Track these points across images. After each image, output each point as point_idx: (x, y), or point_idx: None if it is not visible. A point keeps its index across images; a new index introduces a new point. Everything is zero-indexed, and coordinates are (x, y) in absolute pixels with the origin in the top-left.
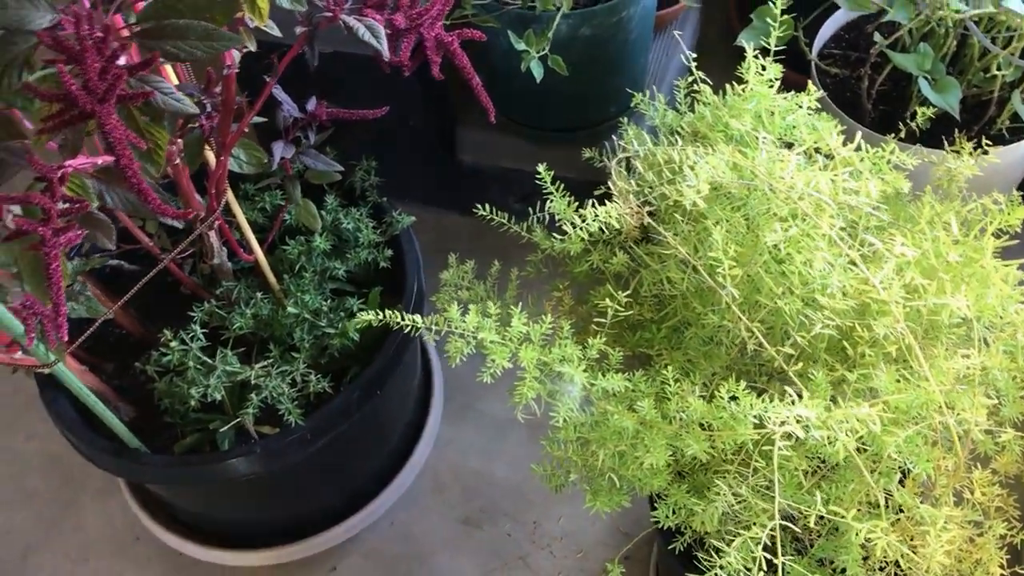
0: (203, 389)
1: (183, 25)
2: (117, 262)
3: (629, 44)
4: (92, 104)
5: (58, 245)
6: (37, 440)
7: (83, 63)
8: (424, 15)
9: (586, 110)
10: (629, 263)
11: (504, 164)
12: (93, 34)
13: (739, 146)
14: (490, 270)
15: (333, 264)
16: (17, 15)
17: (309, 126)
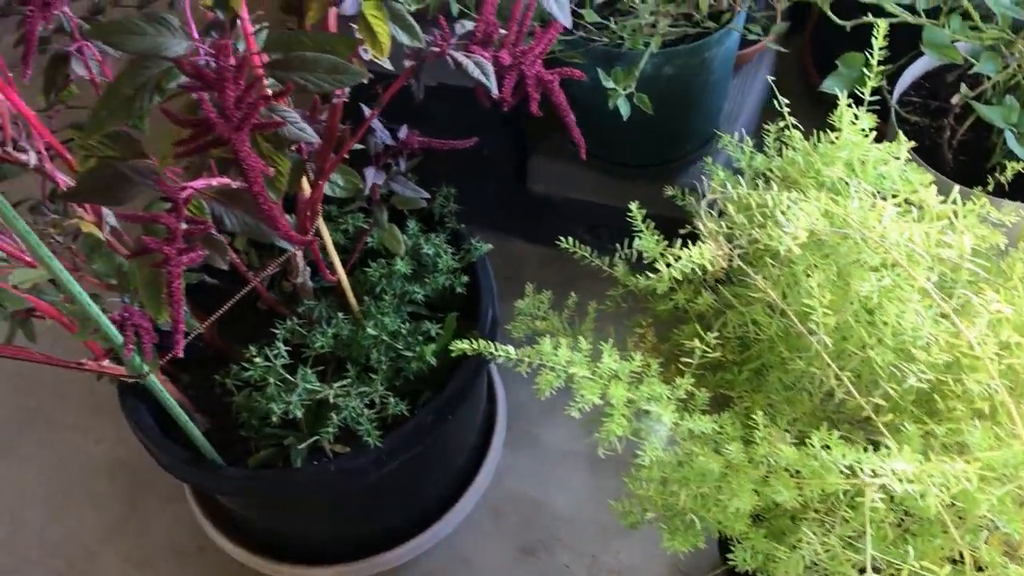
0: (285, 406)
1: (311, 58)
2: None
3: (710, 84)
4: (229, 131)
5: (181, 264)
6: (106, 444)
7: (222, 91)
8: (528, 53)
9: (662, 147)
10: (714, 303)
11: (574, 195)
12: (230, 64)
13: (831, 193)
14: (566, 301)
15: (412, 288)
16: (155, 42)
17: (400, 153)
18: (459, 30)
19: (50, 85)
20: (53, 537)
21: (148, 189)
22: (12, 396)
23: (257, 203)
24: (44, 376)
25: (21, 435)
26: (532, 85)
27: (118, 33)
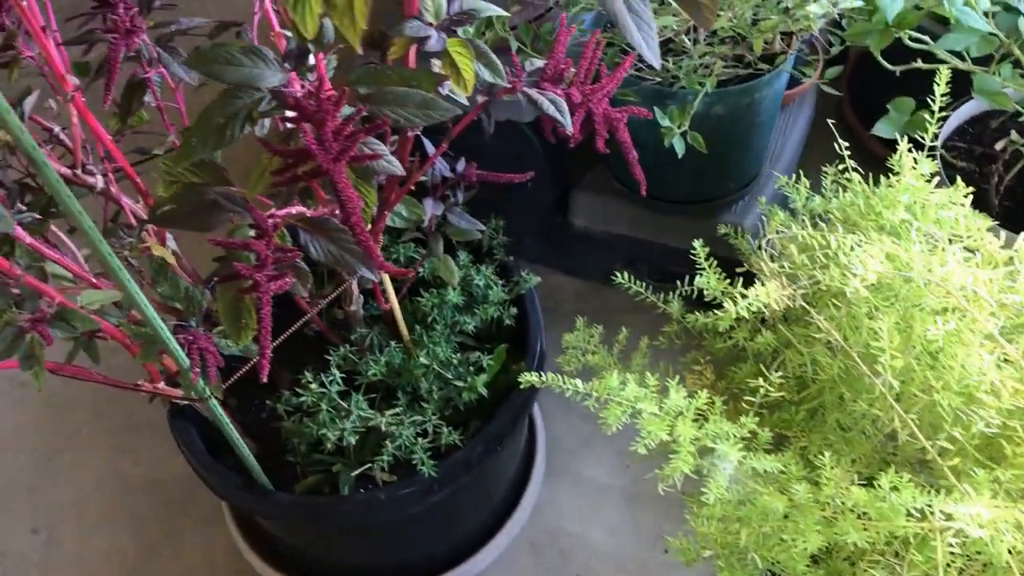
0: (338, 433)
1: (403, 93)
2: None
3: (757, 124)
4: (328, 163)
5: (270, 291)
6: (144, 465)
7: (321, 124)
8: (596, 92)
9: (705, 184)
10: (772, 342)
11: (615, 229)
12: (330, 96)
13: (891, 237)
14: (617, 336)
15: (463, 319)
16: (251, 73)
17: (457, 185)
18: (528, 67)
19: (125, 111)
20: (89, 557)
21: (237, 216)
22: (52, 415)
23: (355, 233)
24: (84, 395)
25: (60, 454)
26: (600, 123)
27: (217, 63)
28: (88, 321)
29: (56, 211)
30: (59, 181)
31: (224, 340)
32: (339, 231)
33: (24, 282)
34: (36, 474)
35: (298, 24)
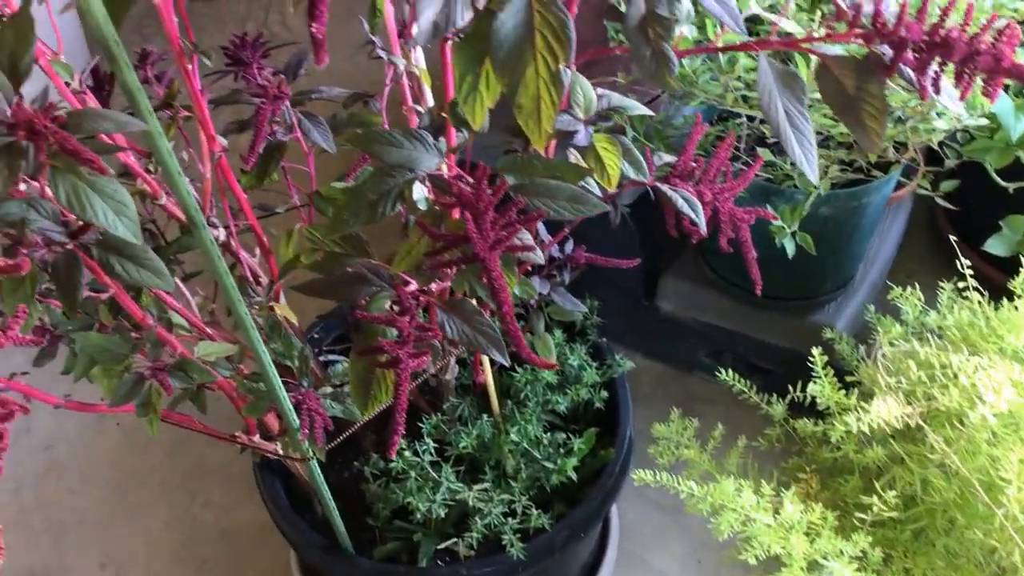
0: (428, 504)
1: (555, 186)
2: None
3: (860, 227)
4: (485, 250)
5: (410, 368)
6: (213, 510)
7: (481, 212)
8: (725, 191)
9: (800, 283)
10: (882, 457)
11: (703, 318)
12: (483, 184)
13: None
14: (712, 432)
15: (556, 398)
16: (409, 155)
17: (564, 266)
18: (657, 161)
19: (263, 171)
20: None
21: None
22: (128, 452)
23: (505, 322)
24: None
25: (133, 493)
26: (726, 222)
27: (378, 143)
28: (204, 372)
29: (174, 260)
30: (213, 243)
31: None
32: (475, 313)
33: (155, 332)
34: (109, 509)
35: (467, 115)
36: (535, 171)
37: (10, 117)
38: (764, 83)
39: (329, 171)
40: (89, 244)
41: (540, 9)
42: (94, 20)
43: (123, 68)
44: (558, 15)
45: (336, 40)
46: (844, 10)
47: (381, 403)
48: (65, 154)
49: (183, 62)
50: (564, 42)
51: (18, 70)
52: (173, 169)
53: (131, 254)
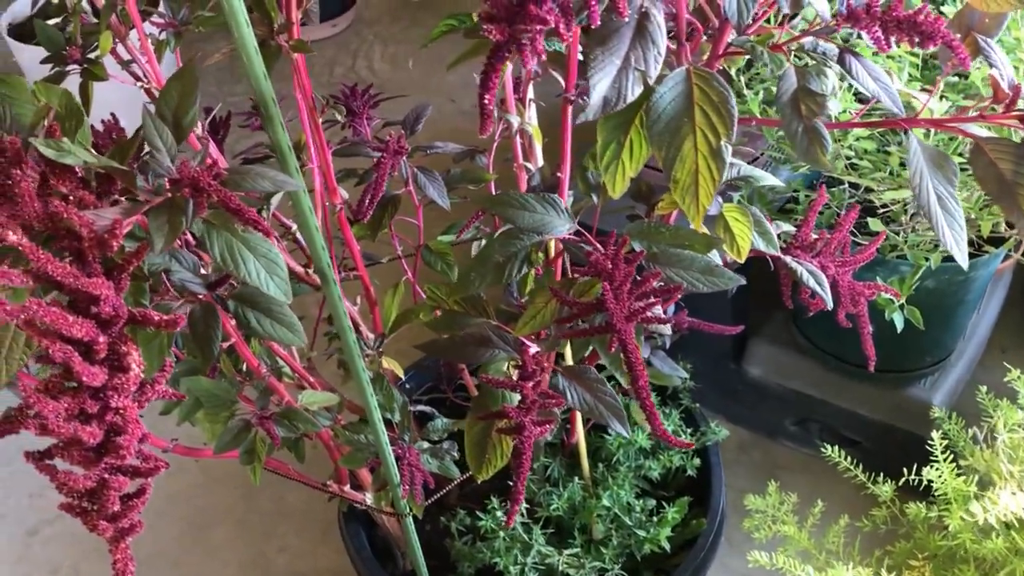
0: (519, 568)
1: (688, 257)
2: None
3: (965, 301)
4: (621, 322)
5: (534, 435)
6: (289, 554)
7: (619, 283)
8: (847, 264)
9: (900, 355)
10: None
11: (791, 385)
12: (619, 259)
13: None
14: (812, 509)
15: (649, 463)
16: (541, 220)
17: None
18: (774, 230)
19: (376, 223)
20: None
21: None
22: (206, 489)
23: (641, 398)
24: (238, 473)
25: (211, 528)
26: (846, 295)
27: (511, 207)
28: (309, 422)
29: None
30: (341, 299)
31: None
32: (598, 382)
33: (268, 381)
34: (183, 547)
35: (607, 182)
36: (662, 238)
37: (174, 173)
38: (915, 165)
39: (431, 222)
40: (224, 297)
41: (700, 84)
42: (255, 77)
43: (277, 128)
44: (719, 90)
45: (430, 88)
46: (1003, 91)
47: (496, 467)
48: (228, 212)
49: (314, 115)
50: (725, 117)
51: (182, 126)
52: (312, 225)
53: (267, 308)
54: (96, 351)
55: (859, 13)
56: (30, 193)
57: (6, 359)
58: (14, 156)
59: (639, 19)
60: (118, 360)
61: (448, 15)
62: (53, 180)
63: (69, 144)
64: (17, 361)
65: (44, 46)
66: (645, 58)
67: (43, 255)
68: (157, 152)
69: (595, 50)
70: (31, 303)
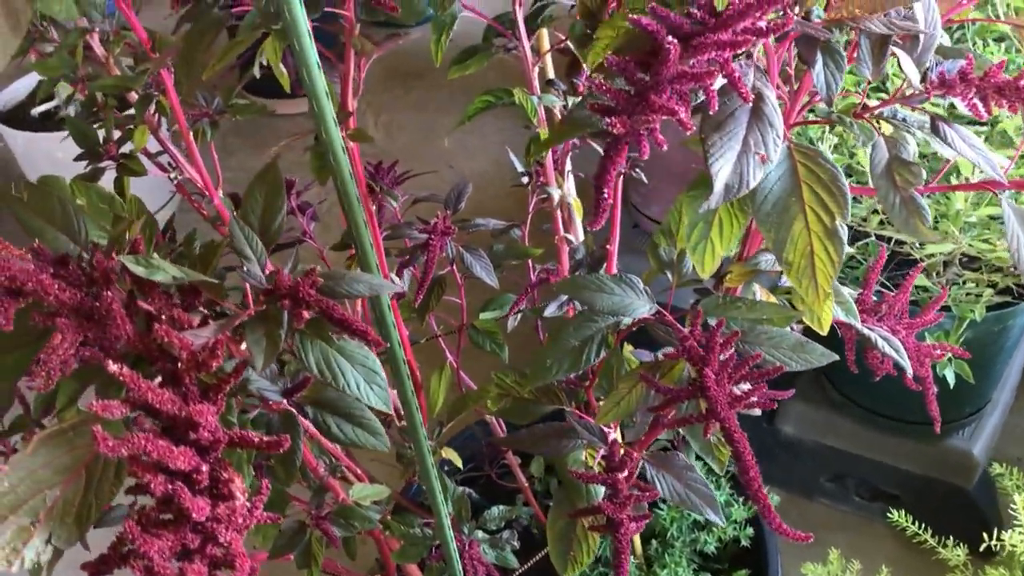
0: None
1: (776, 334)
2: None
3: (1003, 350)
4: (725, 408)
5: (630, 532)
6: None
7: (711, 365)
8: (912, 326)
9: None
10: None
11: (826, 441)
12: (715, 342)
13: None
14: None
15: (704, 537)
16: (620, 302)
17: None
18: None
19: (425, 307)
20: None
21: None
22: None
23: (752, 488)
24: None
25: None
26: (912, 357)
27: (588, 290)
28: (365, 519)
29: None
30: (413, 394)
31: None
32: (687, 468)
33: (326, 480)
34: None
35: (696, 262)
36: (739, 313)
37: (267, 284)
38: (1011, 228)
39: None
40: (303, 403)
41: (803, 161)
42: (343, 178)
43: (361, 226)
44: (826, 167)
45: (428, 156)
46: None
47: (584, 564)
48: (330, 323)
49: (368, 204)
50: (837, 196)
51: (270, 232)
52: (391, 321)
53: (347, 412)
54: (197, 480)
55: (953, 80)
56: (121, 315)
57: (95, 493)
58: (103, 276)
59: (754, 100)
60: (218, 488)
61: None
62: (140, 298)
63: (158, 260)
64: (107, 494)
65: (77, 142)
66: (764, 141)
67: (144, 384)
68: (247, 261)
69: (712, 136)
70: (138, 438)
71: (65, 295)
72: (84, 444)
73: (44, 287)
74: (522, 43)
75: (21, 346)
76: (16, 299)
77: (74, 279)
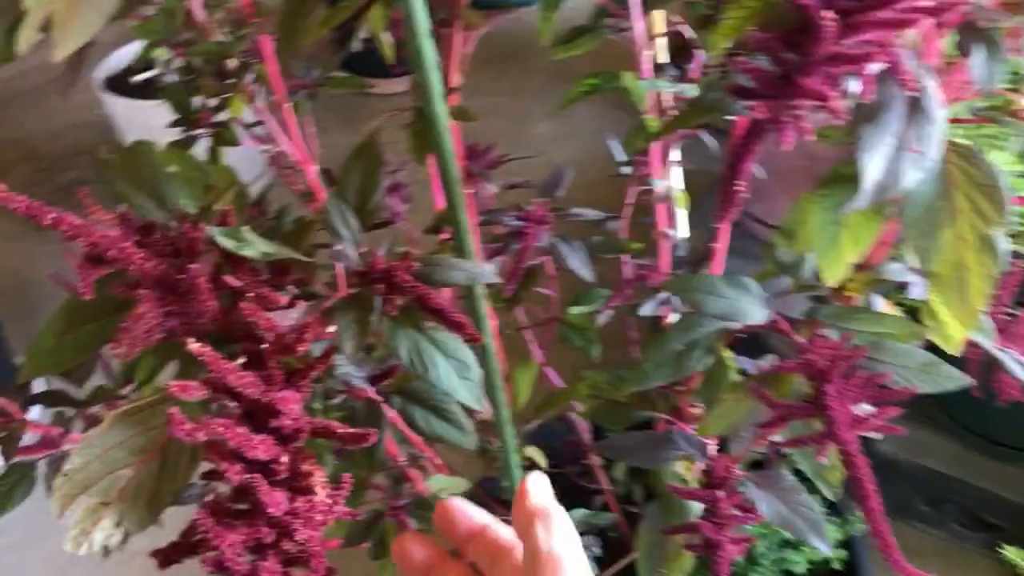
0: None
1: (904, 350)
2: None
3: None
4: (847, 430)
5: (731, 554)
6: None
7: (832, 382)
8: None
9: None
10: None
11: (926, 463)
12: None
13: None
14: None
15: (792, 556)
16: (731, 305)
17: None
18: None
19: (515, 297)
20: None
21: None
22: None
23: (874, 518)
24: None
25: None
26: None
27: (697, 292)
28: None
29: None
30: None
31: None
32: (794, 490)
33: (404, 468)
34: None
35: (822, 268)
36: (862, 325)
37: (361, 265)
38: None
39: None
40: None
41: (957, 161)
42: (446, 159)
43: (460, 208)
44: (984, 168)
45: (520, 139)
46: None
47: None
48: (425, 311)
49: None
50: (995, 202)
51: (366, 210)
52: (483, 312)
53: (434, 406)
54: (276, 470)
55: None
56: (206, 290)
57: (170, 477)
58: (189, 247)
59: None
60: (298, 480)
61: (589, 74)
62: (227, 272)
63: (248, 233)
64: (182, 479)
65: (173, 109)
66: (921, 137)
67: (226, 366)
68: (340, 240)
69: (863, 128)
70: (217, 424)
71: (149, 265)
72: (160, 424)
73: (127, 255)
74: (635, 23)
75: (102, 316)
76: (98, 267)
77: (159, 249)
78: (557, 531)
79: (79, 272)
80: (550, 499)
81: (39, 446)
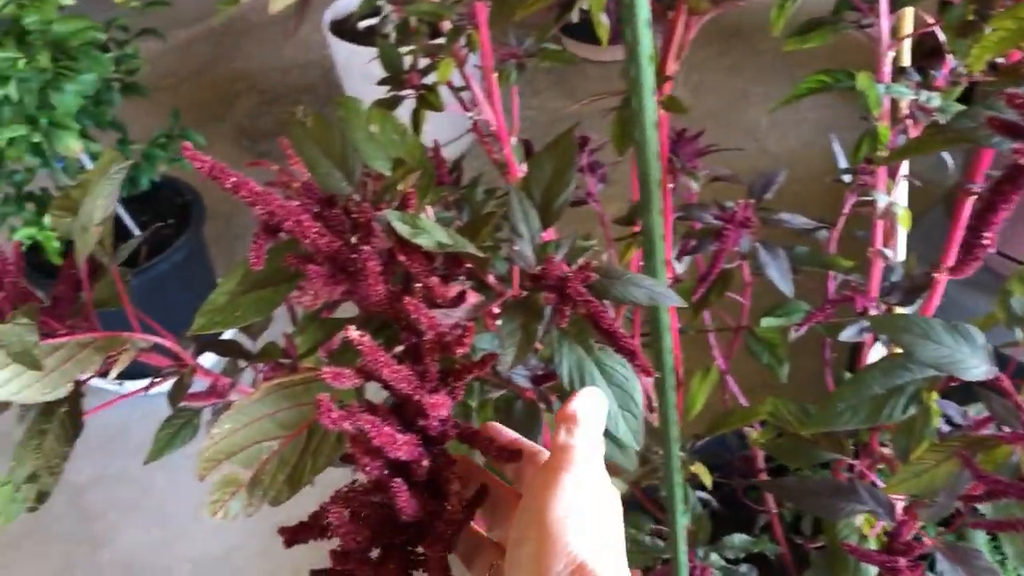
0: None
1: None
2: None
3: None
4: None
5: None
6: None
7: None
8: None
9: None
10: None
11: None
12: None
13: None
14: None
15: None
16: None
17: None
18: None
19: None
20: None
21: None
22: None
23: None
24: None
25: None
26: None
27: (911, 333)
28: None
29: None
30: (674, 407)
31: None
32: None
33: None
34: None
35: None
36: None
37: (536, 268)
38: None
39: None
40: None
41: None
42: (645, 159)
43: (653, 212)
44: None
45: (732, 122)
46: None
47: None
48: (595, 329)
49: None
50: None
51: (551, 210)
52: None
53: None
54: (416, 471)
55: None
56: (375, 276)
57: (313, 456)
58: (366, 227)
59: None
60: (437, 484)
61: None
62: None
63: (425, 221)
64: (324, 460)
65: (384, 67)
66: None
67: (382, 358)
68: (519, 239)
69: None
70: (364, 419)
71: (323, 241)
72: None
73: (303, 229)
74: (881, 20)
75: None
76: (273, 236)
77: (336, 223)
78: (581, 431)
79: (253, 240)
80: (589, 410)
81: (206, 394)
